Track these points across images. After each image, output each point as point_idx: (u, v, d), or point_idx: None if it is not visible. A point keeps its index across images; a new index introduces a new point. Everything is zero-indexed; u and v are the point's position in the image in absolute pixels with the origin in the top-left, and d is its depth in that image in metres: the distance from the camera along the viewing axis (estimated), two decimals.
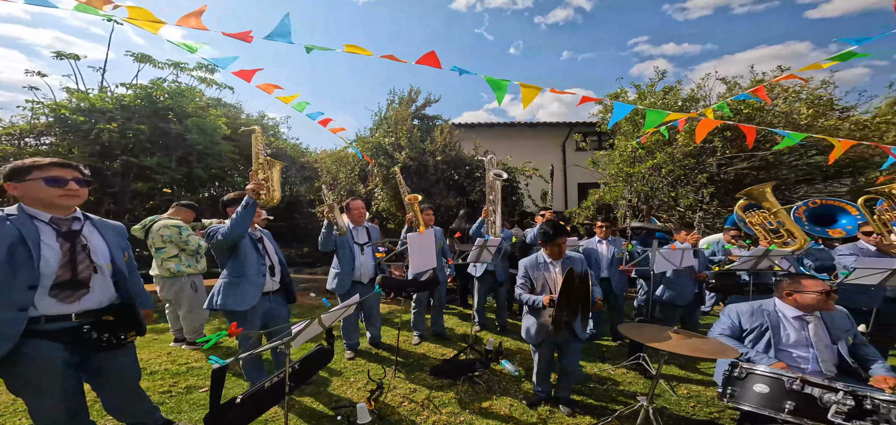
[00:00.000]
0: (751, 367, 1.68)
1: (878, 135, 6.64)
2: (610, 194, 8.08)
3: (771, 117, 7.00)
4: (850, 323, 2.01)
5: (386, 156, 7.05)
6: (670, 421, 2.45)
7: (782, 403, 1.51)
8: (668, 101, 7.88)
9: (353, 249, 3.29)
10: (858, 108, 7.46)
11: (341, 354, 3.46)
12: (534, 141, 12.59)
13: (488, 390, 2.82)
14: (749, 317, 2.16)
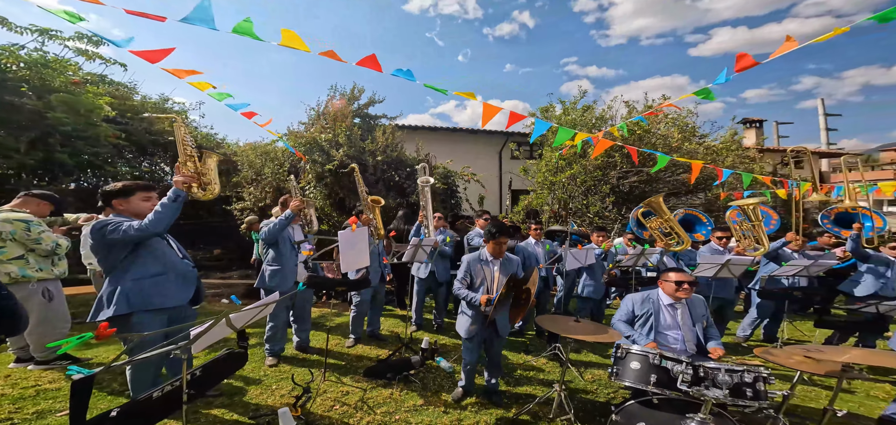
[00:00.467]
0: (628, 347, 2.07)
1: (721, 159, 8.67)
2: (537, 200, 8.97)
3: (655, 138, 8.66)
4: (704, 309, 2.57)
5: (321, 153, 6.67)
6: (580, 402, 2.78)
7: (649, 376, 1.91)
8: (585, 118, 9.14)
9: (294, 247, 3.16)
10: (710, 136, 9.64)
11: (261, 362, 3.20)
12: (474, 146, 13.20)
13: (423, 388, 2.89)
14: (640, 304, 2.63)
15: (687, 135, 8.88)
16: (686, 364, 1.84)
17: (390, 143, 7.23)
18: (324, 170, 6.50)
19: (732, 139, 10.08)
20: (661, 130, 8.87)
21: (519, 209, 9.30)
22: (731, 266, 3.43)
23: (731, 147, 9.48)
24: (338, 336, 4.01)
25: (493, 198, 13.16)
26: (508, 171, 12.95)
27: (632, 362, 2.03)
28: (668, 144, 8.37)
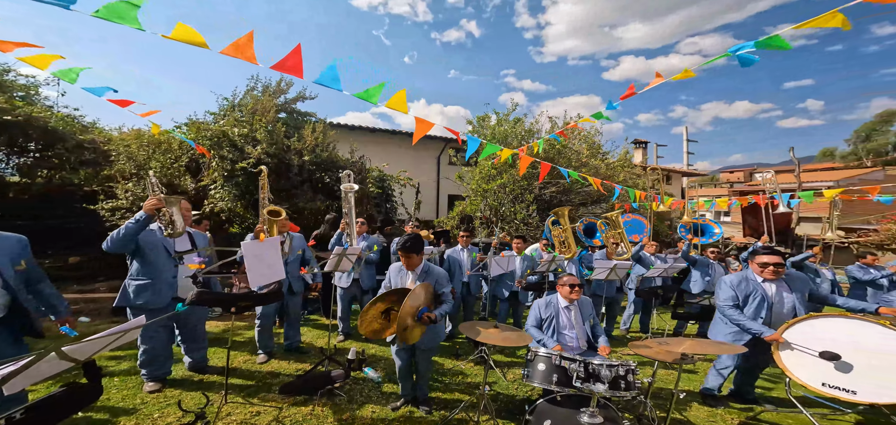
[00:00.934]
0: (536, 351, 2.33)
1: (616, 175, 10.32)
2: (470, 207, 9.41)
3: (570, 153, 9.91)
4: (591, 309, 3.00)
5: (233, 149, 5.86)
6: (503, 403, 2.97)
7: (552, 376, 2.19)
8: (516, 130, 9.94)
9: (172, 256, 2.68)
10: (610, 154, 11.43)
11: (137, 388, 2.77)
12: (413, 150, 13.06)
13: (350, 400, 2.80)
14: (545, 308, 2.96)
15: (593, 151, 10.42)
16: (579, 363, 2.15)
17: (321, 143, 6.74)
18: (235, 168, 5.73)
19: (625, 157, 12.26)
20: (575, 146, 10.21)
21: (454, 215, 9.65)
22: (617, 269, 4.14)
23: (624, 164, 11.50)
24: (247, 352, 3.63)
25: (430, 203, 13.28)
26: (446, 177, 13.25)
27: (539, 364, 2.29)
28: (579, 159, 9.67)
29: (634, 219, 7.33)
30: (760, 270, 2.71)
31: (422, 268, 2.58)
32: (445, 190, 13.42)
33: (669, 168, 21.45)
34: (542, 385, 2.24)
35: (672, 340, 2.22)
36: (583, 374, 2.13)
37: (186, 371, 3.07)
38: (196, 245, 2.89)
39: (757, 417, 2.72)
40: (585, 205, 9.89)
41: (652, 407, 2.49)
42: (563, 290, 2.89)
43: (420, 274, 2.57)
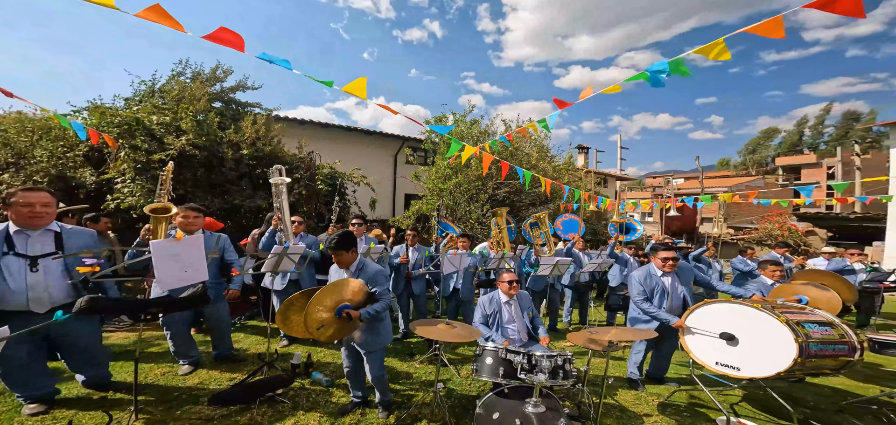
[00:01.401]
0: (483, 346, 2.40)
1: (562, 177, 11.14)
2: (426, 206, 9.39)
3: (521, 155, 10.44)
4: (529, 303, 3.18)
5: (149, 139, 5.10)
6: (456, 399, 2.99)
7: (498, 369, 2.27)
8: (472, 131, 10.17)
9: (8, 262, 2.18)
10: (557, 158, 12.30)
11: (15, 411, 2.38)
12: (369, 148, 12.71)
13: (294, 407, 2.65)
14: (489, 304, 3.07)
15: (542, 154, 11.13)
16: (523, 355, 2.27)
17: (263, 136, 6.18)
18: (150, 160, 5.00)
19: (569, 161, 13.37)
20: (526, 149, 10.80)
21: (409, 214, 9.56)
22: (560, 265, 4.47)
23: (568, 167, 12.51)
24: (166, 364, 3.23)
25: (386, 202, 12.97)
26: (402, 176, 13.04)
27: (486, 358, 2.37)
28: (529, 161, 10.24)
29: (570, 219, 7.96)
30: (662, 265, 3.07)
31: (356, 264, 2.49)
32: (402, 189, 13.22)
33: (606, 172, 23.79)
34: (489, 378, 2.32)
35: (600, 330, 2.46)
36: (527, 366, 2.24)
37: (83, 388, 2.64)
38: (62, 246, 2.35)
39: (671, 397, 3.09)
40: (535, 206, 10.49)
41: (588, 393, 2.71)
42: (503, 286, 3.04)
43: (354, 271, 2.49)
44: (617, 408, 2.88)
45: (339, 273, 2.53)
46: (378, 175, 12.16)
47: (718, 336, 2.66)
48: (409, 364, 3.64)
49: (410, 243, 4.35)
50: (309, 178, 6.22)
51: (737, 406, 2.93)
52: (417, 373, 3.46)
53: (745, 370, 2.51)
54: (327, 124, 11.90)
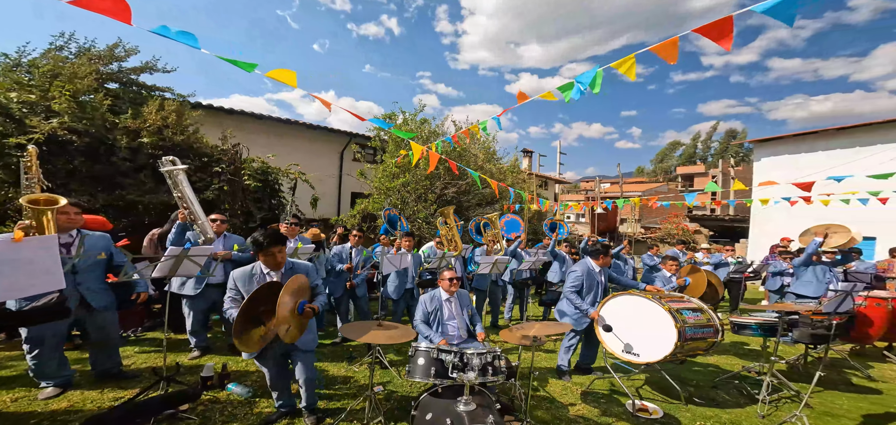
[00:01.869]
0: (416, 346, 2.41)
1: (505, 179, 11.68)
2: (373, 205, 9.11)
3: (469, 156, 10.70)
4: (468, 301, 3.28)
5: (5, 119, 4.09)
6: (396, 401, 2.94)
7: (430, 370, 2.29)
8: (421, 130, 10.10)
9: None
10: (502, 159, 12.88)
11: None
12: (314, 144, 11.88)
13: (205, 423, 2.38)
14: (430, 302, 3.08)
15: (488, 156, 11.58)
16: (454, 354, 2.32)
17: (173, 124, 5.34)
18: (3, 145, 4.06)
19: (514, 164, 14.15)
20: (473, 150, 11.11)
21: (354, 213, 9.21)
22: (498, 264, 4.70)
23: (513, 169, 13.23)
24: (20, 388, 2.68)
25: (330, 201, 12.30)
26: (348, 174, 12.44)
27: (419, 359, 2.37)
28: (476, 163, 10.56)
29: (512, 219, 8.45)
30: (604, 261, 3.43)
31: (286, 265, 2.38)
32: (349, 187, 12.63)
33: (547, 175, 25.74)
34: (422, 379, 2.33)
35: (525, 325, 2.64)
36: (459, 364, 2.31)
37: None
38: None
39: (592, 386, 3.40)
40: (481, 206, 10.89)
41: (520, 386, 2.86)
42: (444, 284, 3.09)
43: (286, 272, 2.36)
44: (547, 400, 3.09)
45: (254, 277, 2.34)
46: (322, 172, 11.53)
47: (602, 328, 3.05)
48: (348, 368, 3.52)
49: (354, 243, 4.18)
50: (233, 173, 5.57)
51: (641, 389, 3.33)
52: (356, 377, 3.36)
53: (643, 356, 2.93)
54: (263, 116, 10.82)
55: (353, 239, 4.24)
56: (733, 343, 4.74)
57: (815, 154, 9.62)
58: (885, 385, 3.56)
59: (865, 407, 3.05)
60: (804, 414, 2.47)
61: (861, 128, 9.13)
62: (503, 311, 5.84)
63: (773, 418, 2.73)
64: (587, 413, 2.89)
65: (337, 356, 3.81)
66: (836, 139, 9.47)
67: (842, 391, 3.37)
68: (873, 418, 2.88)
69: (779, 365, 3.77)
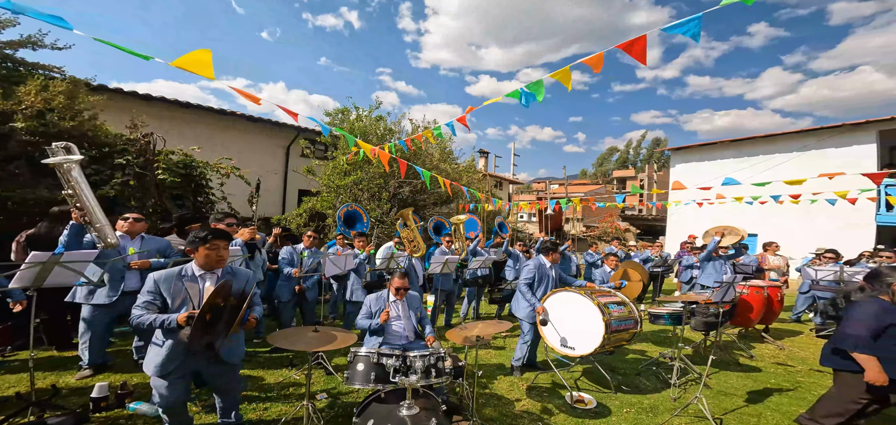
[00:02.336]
0: (356, 351, 2.29)
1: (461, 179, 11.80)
2: (321, 203, 8.57)
3: (425, 155, 10.58)
4: (418, 303, 3.25)
5: None
6: (341, 408, 2.82)
7: (371, 375, 2.20)
8: (376, 127, 9.73)
9: None
10: (458, 159, 13.00)
11: None
12: (258, 138, 10.83)
13: None
14: (375, 302, 3.00)
15: (444, 156, 11.59)
16: (395, 357, 2.25)
17: (62, 107, 4.43)
18: None
19: (471, 164, 14.42)
20: (428, 150, 11.02)
21: (301, 211, 8.64)
22: (449, 263, 4.72)
23: (470, 170, 13.45)
24: None
25: (274, 198, 11.38)
26: (294, 170, 11.56)
27: (358, 364, 2.27)
28: (432, 162, 10.50)
29: (469, 219, 8.61)
30: (554, 258, 3.61)
31: (226, 269, 2.18)
32: (296, 184, 11.74)
33: (502, 176, 26.69)
34: (362, 385, 2.24)
35: (468, 325, 2.67)
36: (399, 368, 2.24)
37: None
38: None
39: (536, 380, 3.54)
40: (437, 205, 10.87)
41: (467, 385, 2.89)
42: (392, 289, 3.04)
43: (223, 276, 2.14)
44: (495, 397, 3.18)
45: (183, 280, 2.07)
46: (266, 168, 10.77)
47: (541, 323, 3.24)
48: (287, 375, 3.34)
49: (307, 244, 3.90)
50: (142, 166, 4.81)
51: (579, 381, 3.57)
52: (298, 384, 3.18)
53: (578, 349, 3.16)
54: (192, 105, 9.53)
55: (307, 240, 3.98)
56: (653, 331, 5.31)
57: (714, 162, 11.35)
58: (762, 363, 4.23)
59: (750, 385, 3.59)
60: (703, 395, 2.84)
61: (749, 140, 10.95)
62: (458, 311, 5.90)
63: (682, 400, 3.09)
64: (531, 407, 3.02)
65: (275, 363, 3.58)
66: (730, 150, 11.25)
67: (732, 371, 3.93)
68: (756, 394, 3.38)
69: (685, 350, 4.33)
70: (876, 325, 2.29)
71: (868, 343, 2.29)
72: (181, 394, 2.09)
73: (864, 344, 2.29)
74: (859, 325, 2.33)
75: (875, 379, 2.23)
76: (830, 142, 9.16)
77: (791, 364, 4.22)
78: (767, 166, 9.59)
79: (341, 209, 5.54)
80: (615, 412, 2.97)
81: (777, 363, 4.24)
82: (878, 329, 2.29)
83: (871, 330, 2.29)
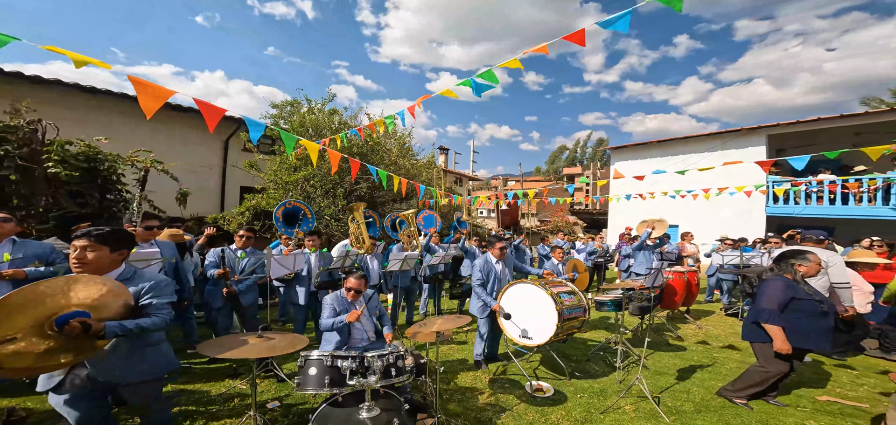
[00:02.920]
0: (306, 356, 2.13)
1: (420, 175, 11.72)
2: (266, 200, 7.86)
3: (383, 150, 10.23)
4: (377, 302, 3.14)
5: None
6: (295, 415, 2.68)
7: (324, 379, 2.05)
8: (329, 121, 9.16)
9: None
10: (418, 155, 12.85)
11: None
12: (185, 129, 9.60)
13: None
14: (338, 302, 2.84)
15: (403, 152, 11.33)
16: (351, 359, 2.13)
17: None
18: None
19: (431, 160, 14.35)
20: (387, 145, 10.69)
21: (242, 209, 7.85)
22: (408, 260, 4.62)
23: (429, 166, 13.39)
24: None
25: (212, 196, 10.27)
26: (234, 165, 10.49)
27: (310, 369, 2.12)
28: (390, 158, 10.20)
29: (429, 214, 8.55)
30: (499, 254, 3.65)
31: (120, 273, 1.85)
32: (238, 180, 10.65)
33: (461, 172, 27.00)
34: (315, 390, 2.10)
35: (428, 321, 2.64)
36: (356, 369, 2.13)
37: None
38: None
39: (497, 373, 3.63)
40: (396, 202, 10.61)
41: (430, 383, 2.84)
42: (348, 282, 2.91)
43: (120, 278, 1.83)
44: (459, 392, 3.20)
45: None
46: (200, 162, 9.76)
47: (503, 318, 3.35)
48: (231, 386, 3.10)
49: (241, 245, 3.52)
50: (28, 158, 3.97)
51: (537, 370, 3.71)
52: (244, 395, 2.95)
53: (535, 339, 3.29)
54: (99, 90, 8.08)
55: (239, 240, 3.59)
56: (601, 318, 5.75)
57: (645, 160, 12.76)
58: (687, 342, 4.77)
59: (679, 363, 4.02)
60: (643, 376, 3.13)
61: (670, 142, 12.51)
62: (418, 308, 5.83)
63: (626, 382, 3.38)
64: (493, 400, 3.09)
65: (217, 374, 3.28)
66: (657, 149, 12.75)
67: (664, 351, 4.39)
68: (684, 371, 3.79)
69: (627, 335, 4.76)
70: (782, 298, 2.71)
71: (777, 315, 2.71)
72: (88, 414, 1.76)
73: (774, 316, 2.71)
74: (768, 300, 2.75)
75: (780, 348, 2.66)
76: (731, 143, 10.87)
77: (708, 341, 4.83)
78: (685, 164, 11.02)
79: (279, 207, 5.09)
80: (570, 397, 3.14)
81: (698, 341, 4.83)
82: (783, 302, 2.71)
83: (778, 304, 2.71)
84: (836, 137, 9.56)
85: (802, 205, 9.32)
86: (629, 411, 2.90)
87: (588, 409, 2.95)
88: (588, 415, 2.85)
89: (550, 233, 17.15)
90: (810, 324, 2.67)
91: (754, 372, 2.96)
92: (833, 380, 3.58)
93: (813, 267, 2.82)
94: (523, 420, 2.79)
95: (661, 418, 2.79)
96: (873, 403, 3.10)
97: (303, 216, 5.72)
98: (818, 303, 2.68)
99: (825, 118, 9.16)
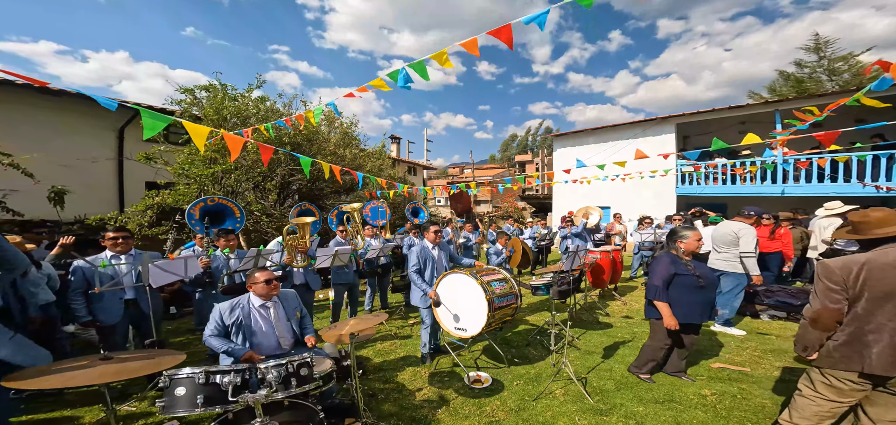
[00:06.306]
0: (171, 375, 1.77)
1: (364, 164, 11.03)
2: (173, 197, 6.78)
3: (321, 139, 9.43)
4: (296, 303, 2.75)
5: None
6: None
7: (196, 398, 1.71)
8: (257, 109, 8.14)
9: None
10: (364, 144, 12.13)
11: None
12: (66, 117, 8.15)
13: None
14: (229, 313, 2.43)
15: (347, 141, 10.57)
16: (234, 373, 1.82)
17: None
18: None
19: (381, 149, 13.68)
20: (326, 135, 9.89)
21: (141, 208, 6.72)
22: (340, 255, 4.27)
23: (379, 154, 12.72)
24: None
25: (106, 194, 8.80)
26: (130, 157, 8.94)
27: (177, 389, 1.77)
28: (328, 148, 9.44)
29: (377, 206, 8.15)
30: (434, 238, 3.51)
31: None
32: (142, 175, 9.09)
33: (415, 162, 26.46)
34: (186, 412, 1.74)
35: (340, 323, 2.43)
36: (241, 384, 1.82)
37: None
38: None
39: (437, 366, 3.50)
40: (337, 194, 9.95)
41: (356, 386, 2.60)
42: (258, 287, 2.51)
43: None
44: (396, 390, 3.04)
45: None
46: (88, 155, 8.45)
47: (434, 305, 3.24)
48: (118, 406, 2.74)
49: (120, 249, 2.94)
50: None
51: (478, 360, 3.63)
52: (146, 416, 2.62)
53: (469, 330, 3.21)
54: None
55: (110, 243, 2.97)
56: (541, 301, 5.84)
57: (582, 147, 13.69)
58: (613, 319, 5.01)
59: (606, 341, 4.17)
60: (573, 357, 3.17)
61: (602, 130, 13.62)
62: (363, 303, 5.51)
63: (559, 365, 3.36)
64: (432, 395, 2.97)
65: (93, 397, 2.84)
66: (592, 137, 13.78)
67: (595, 330, 4.54)
68: (609, 349, 3.92)
69: (563, 316, 4.93)
70: (666, 274, 2.83)
71: (663, 292, 2.83)
72: None
73: (660, 292, 2.83)
74: (657, 276, 2.87)
75: (667, 323, 2.77)
76: (650, 131, 12.23)
77: (631, 316, 5.17)
78: (614, 150, 12.02)
79: (195, 204, 4.36)
80: (507, 386, 3.11)
81: (623, 317, 5.13)
82: (667, 277, 2.83)
83: (663, 279, 2.84)
84: (726, 126, 11.12)
85: (704, 185, 10.67)
86: (559, 395, 2.94)
87: (522, 396, 2.94)
88: (522, 403, 2.84)
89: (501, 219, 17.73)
90: (690, 297, 2.81)
91: (647, 349, 3.11)
92: (724, 348, 3.91)
93: (691, 243, 2.94)
94: (460, 414, 2.71)
95: (586, 399, 2.86)
96: (754, 366, 3.43)
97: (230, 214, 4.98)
98: (697, 278, 2.82)
99: (717, 109, 10.53)
